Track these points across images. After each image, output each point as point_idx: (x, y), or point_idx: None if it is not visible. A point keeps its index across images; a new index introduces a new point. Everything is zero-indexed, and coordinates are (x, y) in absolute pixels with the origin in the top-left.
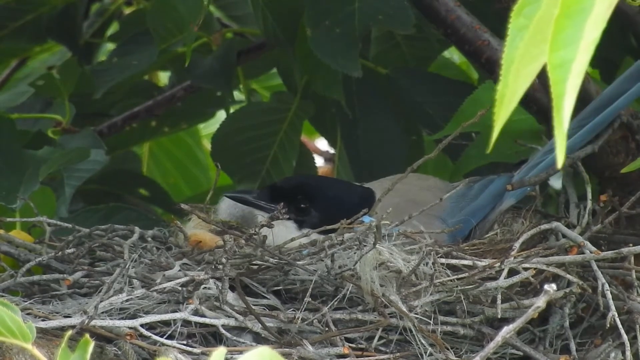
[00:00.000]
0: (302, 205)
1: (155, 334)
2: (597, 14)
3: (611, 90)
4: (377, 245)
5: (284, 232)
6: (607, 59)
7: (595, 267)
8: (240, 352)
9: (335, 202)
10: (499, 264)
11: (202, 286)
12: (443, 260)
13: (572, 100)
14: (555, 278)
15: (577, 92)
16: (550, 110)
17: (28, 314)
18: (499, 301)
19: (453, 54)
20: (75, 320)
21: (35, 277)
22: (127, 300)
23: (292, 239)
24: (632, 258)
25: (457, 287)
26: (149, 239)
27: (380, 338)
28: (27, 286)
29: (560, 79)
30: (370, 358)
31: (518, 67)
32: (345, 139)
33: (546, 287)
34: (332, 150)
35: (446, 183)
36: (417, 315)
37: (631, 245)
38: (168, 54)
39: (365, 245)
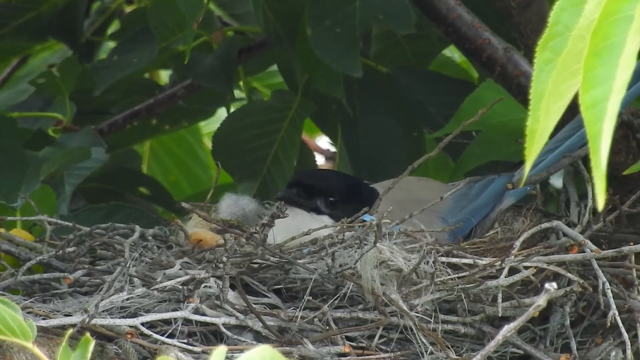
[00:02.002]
0: (332, 199)
1: (156, 333)
2: (628, 52)
3: None
4: (377, 244)
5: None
6: None
7: (595, 265)
8: (241, 351)
9: (355, 193)
10: (499, 262)
11: (203, 285)
12: (444, 259)
13: (608, 141)
14: (556, 277)
15: (612, 132)
16: None
17: (29, 312)
18: (499, 300)
19: (453, 53)
20: (76, 318)
21: (36, 276)
22: (127, 299)
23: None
24: (633, 257)
25: (457, 285)
26: (150, 237)
27: (381, 337)
28: (27, 285)
29: (595, 119)
30: (371, 357)
31: (548, 103)
32: (345, 137)
33: (547, 285)
34: (332, 149)
35: (446, 185)
36: (417, 314)
37: (632, 243)
38: (169, 52)
39: (366, 244)
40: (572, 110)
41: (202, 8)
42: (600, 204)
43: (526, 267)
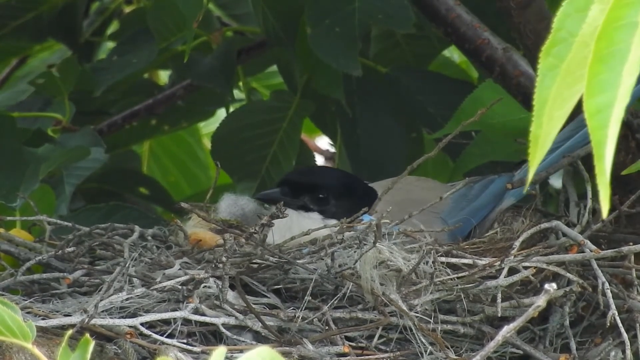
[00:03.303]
0: (321, 196)
1: (156, 333)
2: (633, 59)
3: None
4: (377, 244)
5: (310, 224)
6: None
7: (595, 265)
8: (241, 351)
9: (348, 189)
10: (499, 262)
11: (202, 285)
12: (443, 259)
13: (612, 148)
14: (555, 277)
15: (616, 139)
16: None
17: (28, 312)
18: (499, 300)
19: (453, 53)
20: (75, 319)
21: (36, 276)
22: (127, 299)
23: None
24: (632, 257)
25: (457, 285)
26: (149, 237)
27: (381, 337)
28: (27, 285)
29: (599, 125)
30: (370, 357)
31: (551, 109)
32: (345, 137)
33: (546, 286)
34: (332, 149)
35: (446, 185)
36: (417, 314)
37: (631, 243)
38: (168, 52)
39: (365, 244)
40: (572, 111)
41: (202, 8)
42: (605, 211)
43: (525, 267)
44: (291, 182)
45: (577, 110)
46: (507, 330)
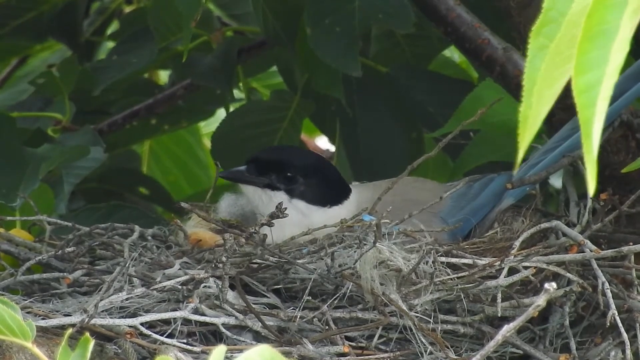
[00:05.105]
0: (289, 174)
1: (155, 333)
2: (622, 37)
3: None
4: (377, 244)
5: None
6: None
7: (595, 265)
8: (241, 351)
9: (318, 171)
10: (499, 262)
11: (202, 285)
12: (443, 259)
13: (600, 125)
14: (555, 277)
15: (604, 117)
16: (551, 109)
17: (28, 312)
18: (499, 300)
19: (453, 53)
20: (75, 318)
21: (35, 276)
22: (127, 299)
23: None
24: (632, 257)
25: (457, 285)
26: (149, 237)
27: (381, 337)
28: (27, 285)
29: (587, 103)
30: (370, 357)
31: (540, 88)
32: (344, 137)
33: (546, 285)
34: (332, 149)
35: (444, 185)
36: (417, 314)
37: (631, 243)
38: (168, 52)
39: (365, 244)
40: (570, 110)
41: (200, 7)
42: (591, 189)
43: (525, 267)
44: (258, 159)
45: (575, 109)
46: (507, 330)
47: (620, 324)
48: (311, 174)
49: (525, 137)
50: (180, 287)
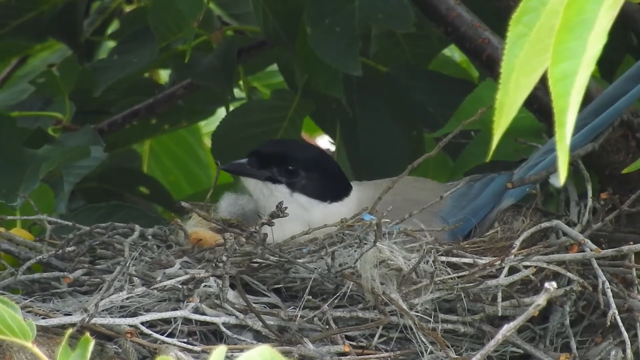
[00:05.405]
0: (290, 168)
1: (156, 332)
2: (599, 28)
3: (612, 90)
4: (377, 243)
5: (279, 197)
6: (606, 57)
7: (595, 265)
8: (241, 350)
9: (320, 165)
10: (499, 261)
11: (203, 284)
12: (443, 258)
13: (574, 115)
14: (555, 276)
15: (578, 106)
16: (551, 109)
17: (28, 312)
18: (499, 299)
19: (453, 52)
20: (75, 318)
21: (36, 275)
22: (127, 298)
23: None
24: (633, 256)
25: (457, 285)
26: (150, 237)
27: (381, 336)
28: (27, 284)
29: (562, 92)
30: (370, 356)
31: (518, 76)
32: (345, 136)
33: (547, 285)
34: (333, 148)
35: (444, 185)
36: (417, 313)
37: (631, 243)
38: (169, 51)
39: (365, 243)
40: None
41: (202, 8)
42: (562, 178)
43: (526, 267)
44: (260, 153)
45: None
46: (507, 329)
47: (620, 324)
48: (313, 167)
49: (501, 123)
50: (180, 286)
